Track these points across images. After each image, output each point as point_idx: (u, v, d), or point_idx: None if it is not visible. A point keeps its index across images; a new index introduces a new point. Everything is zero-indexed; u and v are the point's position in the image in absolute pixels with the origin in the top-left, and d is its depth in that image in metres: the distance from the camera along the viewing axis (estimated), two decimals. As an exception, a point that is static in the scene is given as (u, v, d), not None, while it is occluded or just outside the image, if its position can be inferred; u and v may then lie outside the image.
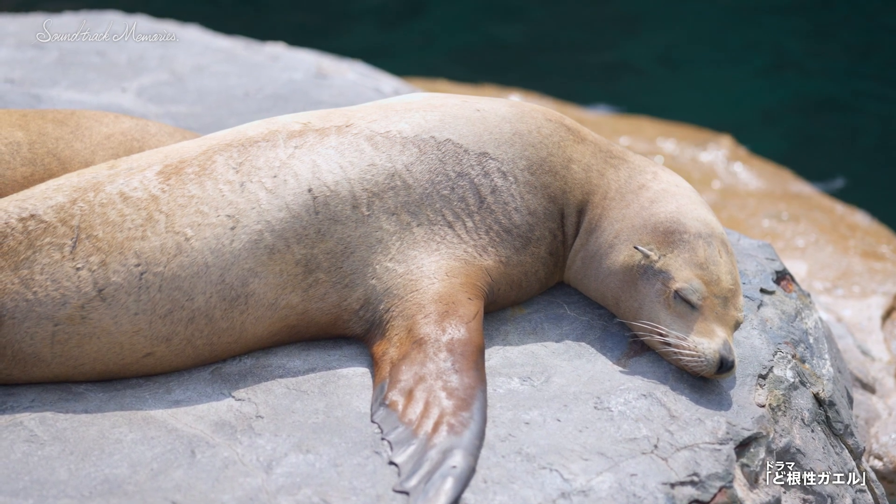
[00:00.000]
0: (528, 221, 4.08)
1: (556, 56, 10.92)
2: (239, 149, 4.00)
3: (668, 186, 4.11)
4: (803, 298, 4.49)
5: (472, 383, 3.68)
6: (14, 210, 3.90)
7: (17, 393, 3.84)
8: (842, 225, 7.50)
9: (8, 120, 4.51)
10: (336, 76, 6.93)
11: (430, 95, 4.29)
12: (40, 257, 3.82)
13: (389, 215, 3.96)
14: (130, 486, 3.46)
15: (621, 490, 3.46)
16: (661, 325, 3.86)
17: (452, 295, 3.87)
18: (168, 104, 6.32)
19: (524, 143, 4.13)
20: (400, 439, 3.55)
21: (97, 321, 3.80)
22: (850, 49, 11.01)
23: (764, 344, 4.11)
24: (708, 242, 3.93)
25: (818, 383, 4.14)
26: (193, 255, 3.83)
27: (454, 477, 3.41)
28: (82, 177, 3.99)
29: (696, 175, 8.05)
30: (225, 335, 3.88)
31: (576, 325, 4.11)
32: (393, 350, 3.81)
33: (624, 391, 3.80)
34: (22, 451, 3.59)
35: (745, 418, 3.79)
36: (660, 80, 10.61)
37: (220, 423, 3.69)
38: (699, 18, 11.68)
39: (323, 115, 4.14)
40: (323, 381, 3.84)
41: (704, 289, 3.86)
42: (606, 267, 4.04)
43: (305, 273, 3.90)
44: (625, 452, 3.57)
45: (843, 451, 4.12)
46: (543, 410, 3.71)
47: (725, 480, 3.58)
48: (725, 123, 9.30)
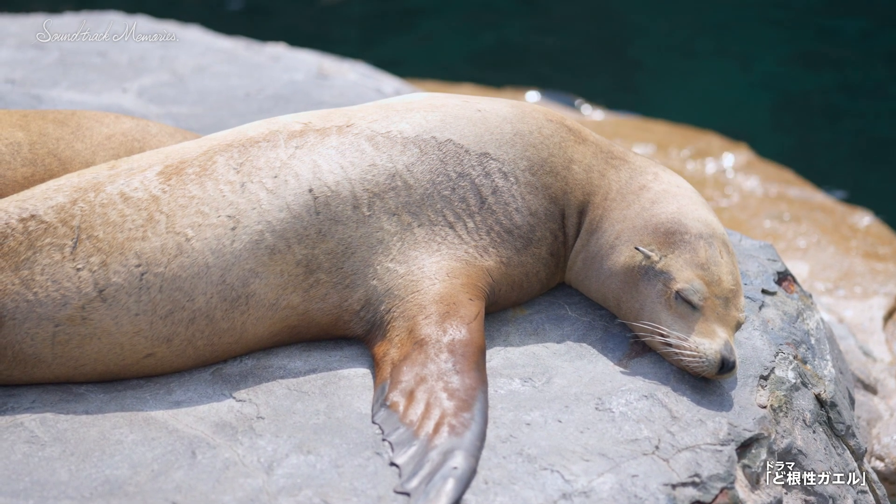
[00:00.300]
0: (529, 222, 4.07)
1: (574, 58, 10.93)
2: (239, 149, 3.99)
3: (669, 187, 4.11)
4: (805, 299, 4.49)
5: (474, 384, 3.68)
6: (14, 210, 3.89)
7: (18, 394, 3.84)
8: (843, 226, 7.49)
9: (9, 120, 4.50)
10: (337, 77, 6.92)
11: (431, 95, 4.29)
12: (41, 258, 3.81)
13: (390, 216, 3.96)
14: (131, 486, 3.46)
15: (622, 491, 3.45)
16: (663, 325, 3.86)
17: (453, 296, 3.86)
18: (169, 105, 6.32)
19: (525, 144, 4.12)
20: (401, 440, 3.54)
21: (98, 322, 3.79)
22: (855, 50, 11.00)
23: (765, 345, 4.10)
24: (709, 243, 3.93)
25: (820, 384, 4.13)
26: (194, 255, 3.83)
27: (455, 478, 3.41)
28: (83, 177, 3.98)
29: (698, 176, 8.04)
30: (226, 336, 3.88)
31: (577, 325, 4.11)
32: (394, 351, 3.80)
33: (625, 392, 3.79)
34: (22, 452, 3.59)
35: (747, 419, 3.78)
36: (663, 82, 10.59)
37: (221, 423, 3.68)
38: (702, 19, 11.67)
39: (324, 115, 4.14)
40: (324, 382, 3.83)
41: (706, 289, 3.85)
42: (607, 268, 4.03)
43: (306, 273, 3.89)
44: (626, 453, 3.57)
45: (845, 453, 4.11)
46: (545, 411, 3.71)
47: (727, 481, 3.57)
48: (728, 125, 9.29)
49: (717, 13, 11.71)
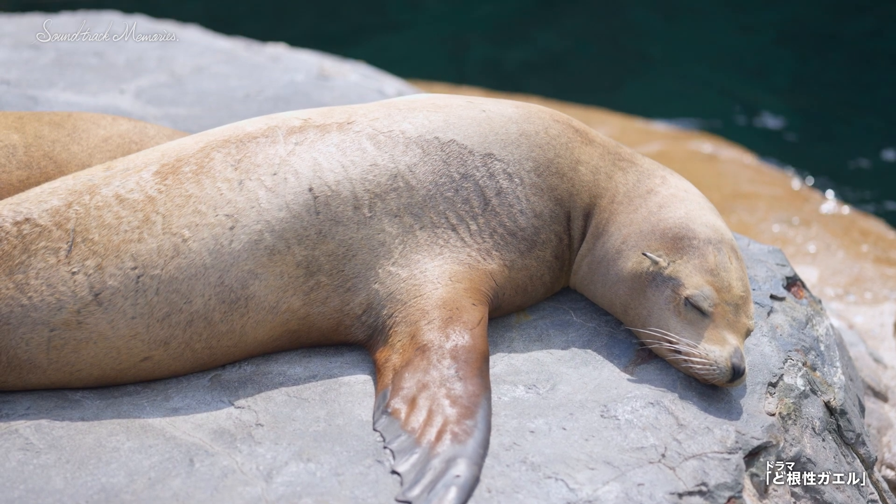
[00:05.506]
0: (534, 224, 4.04)
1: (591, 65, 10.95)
2: (237, 145, 3.96)
3: (677, 191, 4.08)
4: (814, 305, 4.47)
5: (477, 391, 3.64)
6: (9, 214, 3.87)
7: (13, 400, 3.83)
8: (854, 230, 7.46)
9: (4, 122, 4.49)
10: (338, 77, 6.92)
11: (434, 96, 4.26)
12: (35, 261, 3.78)
13: (392, 217, 3.92)
14: (128, 495, 3.44)
15: (628, 500, 3.44)
16: (671, 332, 3.83)
17: (456, 300, 3.83)
18: (167, 106, 6.31)
19: (531, 145, 4.08)
20: (402, 448, 3.52)
21: (94, 326, 3.76)
22: (862, 50, 11.03)
23: (774, 351, 4.09)
24: (718, 248, 3.89)
25: (829, 391, 4.11)
26: (191, 256, 3.79)
27: (458, 486, 3.38)
28: (78, 179, 3.95)
29: (706, 180, 8.01)
30: (224, 339, 3.84)
31: (582, 331, 4.09)
32: (396, 357, 3.76)
33: (631, 399, 3.78)
34: (17, 460, 3.58)
35: (755, 427, 3.77)
36: (666, 84, 10.61)
37: (220, 431, 3.67)
38: (705, 18, 11.70)
39: (324, 112, 4.11)
40: (324, 389, 3.82)
41: (716, 295, 3.82)
42: (614, 273, 4.00)
43: (307, 276, 3.85)
44: (632, 461, 3.55)
45: (855, 461, 4.10)
46: (549, 419, 3.69)
47: (734, 490, 3.56)
48: (736, 128, 9.31)
49: (719, 8, 11.74)
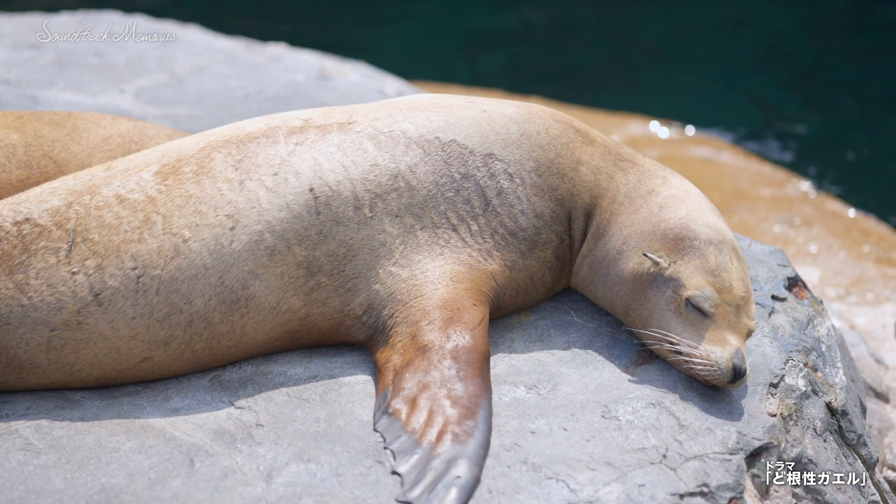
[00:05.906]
0: (535, 224, 4.03)
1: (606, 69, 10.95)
2: (238, 145, 3.95)
3: (678, 192, 4.07)
4: (815, 305, 4.47)
5: (477, 391, 3.63)
6: (8, 214, 3.86)
7: (13, 400, 3.82)
8: (855, 230, 7.45)
9: (3, 122, 4.49)
10: (339, 77, 6.91)
11: (435, 96, 4.26)
12: (35, 261, 3.77)
13: (392, 217, 3.91)
14: (128, 495, 3.44)
15: (629, 501, 3.43)
16: (672, 333, 3.82)
17: (457, 301, 3.82)
18: (167, 106, 6.30)
19: (532, 145, 4.07)
20: (403, 448, 3.51)
21: (94, 326, 3.75)
22: (864, 51, 11.03)
23: (775, 352, 4.08)
24: (719, 249, 3.89)
25: (830, 392, 4.11)
26: (192, 256, 3.78)
27: (458, 487, 3.37)
28: (78, 179, 3.94)
29: (707, 180, 8.00)
30: (225, 339, 3.83)
31: (583, 332, 4.08)
32: (396, 357, 3.75)
33: (632, 400, 3.77)
34: (17, 460, 3.57)
35: (756, 428, 3.76)
36: (668, 85, 10.61)
37: (220, 431, 3.66)
38: (708, 19, 11.71)
39: (325, 112, 4.10)
40: (325, 389, 3.81)
41: (717, 296, 3.81)
42: (615, 274, 3.99)
43: (307, 276, 3.84)
44: (633, 462, 3.55)
45: (856, 462, 4.10)
46: (550, 419, 3.69)
47: (736, 491, 3.55)
48: (737, 128, 9.30)
49: (722, 8, 11.74)
